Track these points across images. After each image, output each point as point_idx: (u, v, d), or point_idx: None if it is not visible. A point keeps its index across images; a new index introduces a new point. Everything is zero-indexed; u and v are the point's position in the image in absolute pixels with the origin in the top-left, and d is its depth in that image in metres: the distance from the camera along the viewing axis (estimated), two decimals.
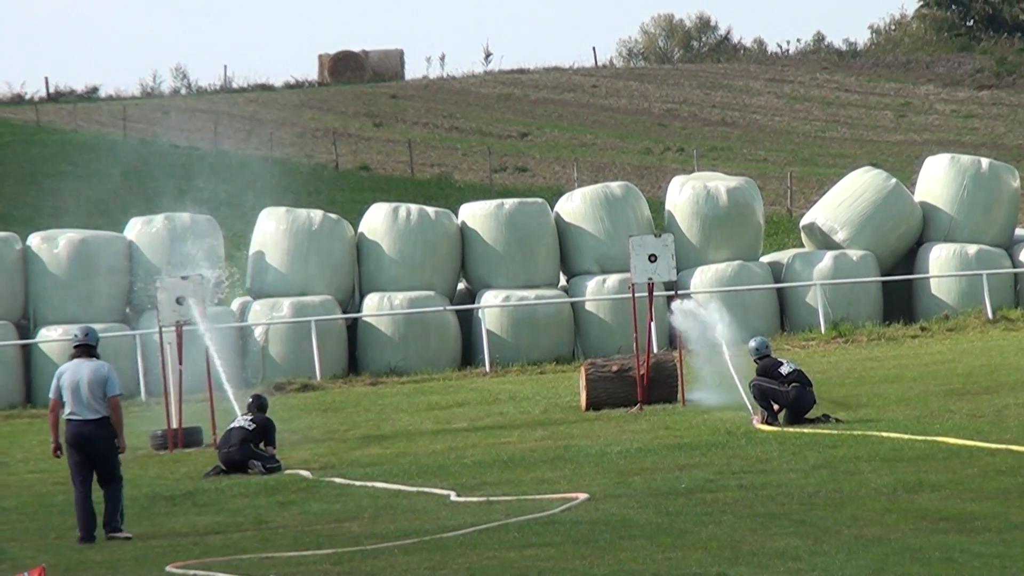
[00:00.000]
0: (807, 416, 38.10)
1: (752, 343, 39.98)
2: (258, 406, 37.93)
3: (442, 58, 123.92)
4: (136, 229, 52.82)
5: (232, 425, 37.78)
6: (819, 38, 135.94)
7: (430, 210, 59.33)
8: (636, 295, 46.04)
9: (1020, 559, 22.00)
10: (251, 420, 37.31)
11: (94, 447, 29.69)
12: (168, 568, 25.97)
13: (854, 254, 56.72)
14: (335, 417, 47.11)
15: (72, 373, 29.72)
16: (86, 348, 30.72)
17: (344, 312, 56.29)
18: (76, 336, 31.03)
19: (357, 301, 57.90)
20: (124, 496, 34.54)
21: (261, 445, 36.28)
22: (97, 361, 30.17)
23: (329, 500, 32.01)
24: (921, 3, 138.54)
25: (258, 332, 54.29)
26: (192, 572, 25.70)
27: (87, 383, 29.58)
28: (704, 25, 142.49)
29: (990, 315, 57.03)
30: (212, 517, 31.77)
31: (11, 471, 40.10)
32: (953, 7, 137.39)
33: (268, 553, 27.22)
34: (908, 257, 58.96)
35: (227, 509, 32.40)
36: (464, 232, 58.35)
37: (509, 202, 60.58)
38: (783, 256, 59.90)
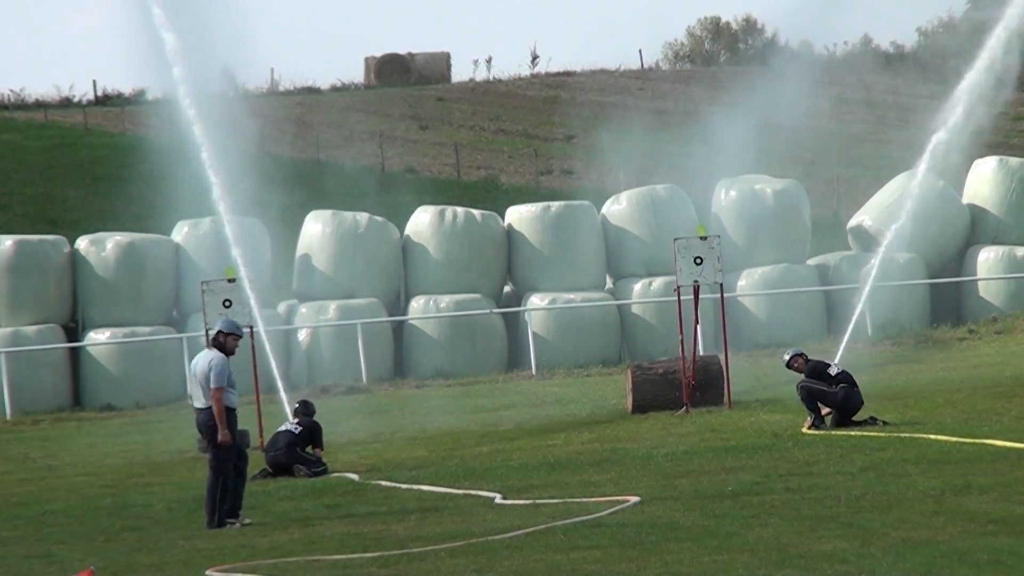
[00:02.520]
0: (854, 418, 37.92)
1: (787, 355, 40.21)
2: (304, 411, 38.10)
3: (488, 60, 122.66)
4: (183, 232, 52.90)
5: (279, 429, 37.92)
6: (866, 40, 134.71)
7: (476, 213, 59.34)
8: (682, 298, 45.98)
9: None
10: (297, 424, 37.50)
11: (208, 435, 30.22)
12: (208, 572, 26.12)
13: (901, 256, 56.53)
14: (381, 420, 47.18)
15: (195, 362, 30.73)
16: (213, 339, 31.22)
17: (390, 315, 56.35)
18: (221, 324, 31.47)
19: (403, 304, 57.97)
20: (168, 504, 34.71)
21: (308, 448, 36.22)
22: (212, 352, 30.63)
23: (375, 503, 32.00)
24: (969, 5, 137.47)
25: (303, 335, 54.31)
26: (236, 575, 25.84)
27: (201, 373, 30.34)
28: (750, 27, 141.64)
29: None
30: (258, 520, 31.91)
31: (59, 474, 40.22)
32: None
33: (314, 556, 27.24)
34: (956, 259, 58.70)
35: (273, 512, 32.53)
36: (510, 234, 58.39)
37: (555, 204, 60.74)
38: (830, 259, 59.75)
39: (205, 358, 29.54)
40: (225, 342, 31.32)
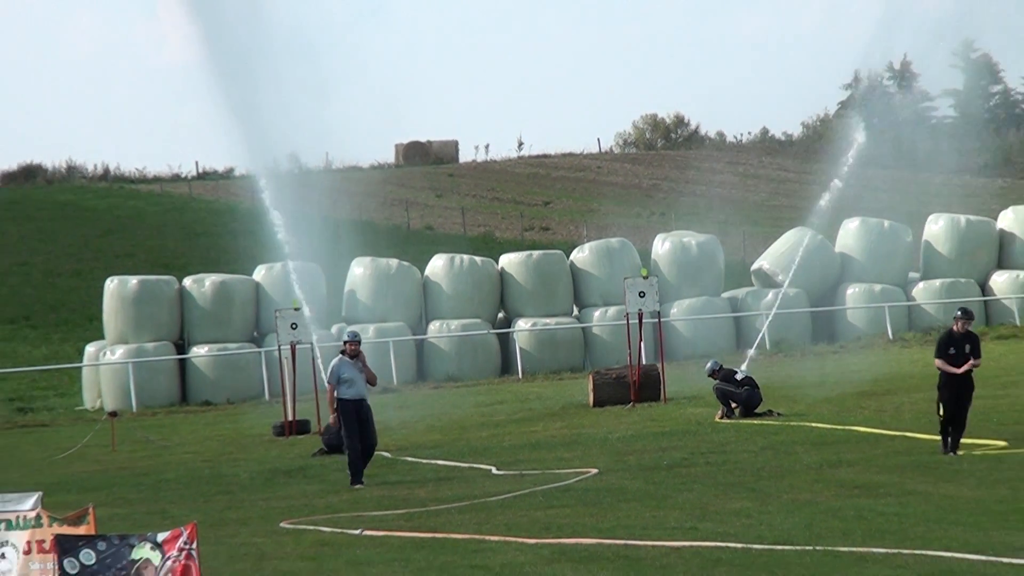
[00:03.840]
0: (756, 411, 38.52)
1: (708, 365, 40.38)
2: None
3: (487, 147, 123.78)
4: (261, 273, 53.35)
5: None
6: (764, 131, 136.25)
7: (477, 259, 59.81)
8: (630, 322, 46.07)
9: (912, 516, 22.60)
10: None
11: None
12: (282, 524, 26.40)
13: (791, 291, 56.79)
14: (407, 412, 47.45)
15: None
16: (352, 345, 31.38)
17: (414, 335, 56.60)
18: (346, 335, 31.73)
19: (424, 326, 58.20)
20: (252, 474, 34.93)
21: None
22: (337, 356, 31.06)
23: (403, 473, 32.11)
24: (838, 105, 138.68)
25: None
26: (301, 526, 26.03)
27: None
28: (679, 122, 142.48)
29: (891, 336, 57.20)
30: (317, 486, 32.06)
31: (171, 452, 40.52)
32: (862, 107, 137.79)
33: (359, 512, 27.48)
34: (830, 293, 59.17)
35: (328, 480, 32.60)
36: (502, 275, 58.77)
37: (536, 253, 61.27)
38: (739, 293, 60.12)
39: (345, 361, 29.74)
40: (345, 348, 31.54)
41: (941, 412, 29.17)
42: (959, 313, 29.65)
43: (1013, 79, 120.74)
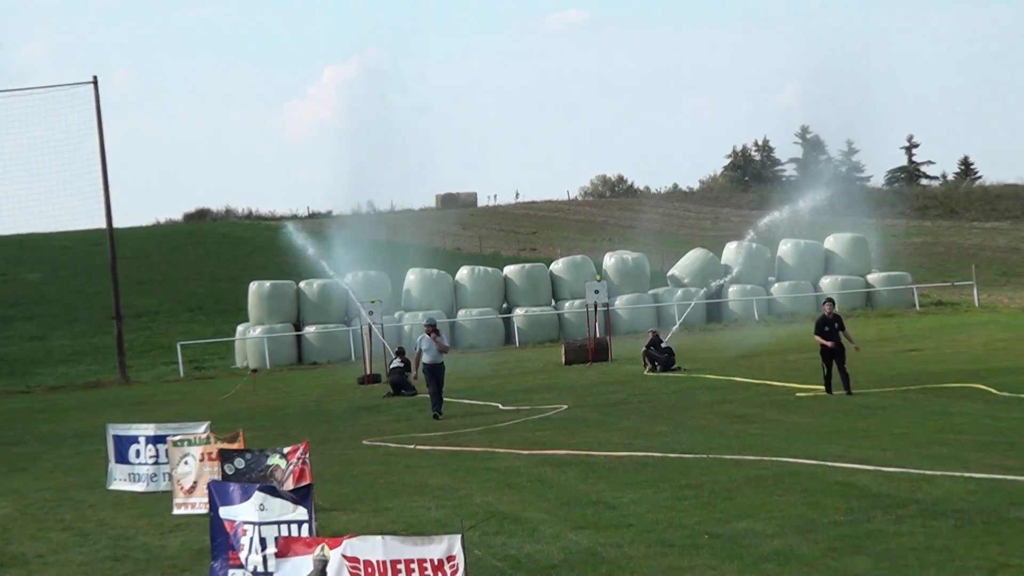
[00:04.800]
0: (671, 368, 37.99)
1: (650, 330, 40.37)
2: (401, 355, 37.46)
3: (495, 196, 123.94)
4: (348, 279, 53.14)
5: (392, 366, 37.39)
6: (675, 185, 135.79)
7: (489, 269, 59.46)
8: (588, 310, 45.42)
9: (771, 436, 22.24)
10: (401, 361, 36.76)
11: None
12: (364, 441, 25.98)
13: (694, 290, 56.73)
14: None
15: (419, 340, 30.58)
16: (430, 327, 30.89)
17: (448, 319, 56.34)
18: (426, 320, 31.58)
19: (455, 312, 57.84)
20: (344, 409, 34.20)
21: (407, 376, 36.11)
22: (423, 335, 30.31)
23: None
24: (723, 168, 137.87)
25: (407, 328, 54.59)
26: (376, 443, 25.61)
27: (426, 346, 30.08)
28: (621, 179, 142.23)
29: (756, 319, 56.70)
30: (386, 417, 31.44)
31: (293, 397, 39.93)
32: (738, 170, 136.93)
33: (413, 434, 27.08)
34: (719, 291, 58.98)
35: (393, 413, 32.05)
36: (505, 279, 58.38)
37: (527, 265, 60.83)
38: (659, 291, 59.78)
39: (426, 337, 29.62)
40: (426, 329, 31.01)
41: (825, 371, 28.17)
42: (828, 301, 29.36)
43: (834, 151, 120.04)
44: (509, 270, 58.88)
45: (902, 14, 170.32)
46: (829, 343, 27.41)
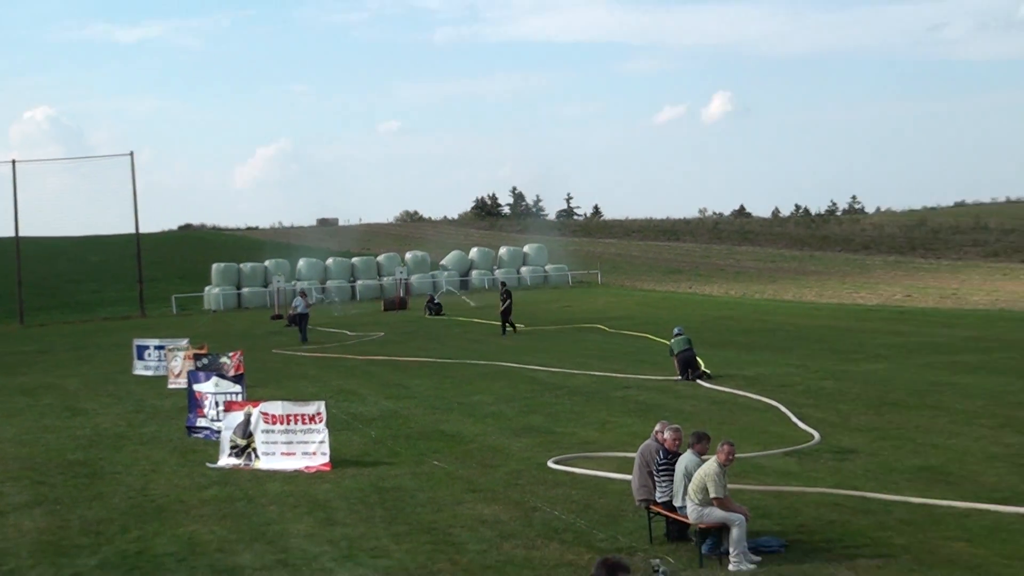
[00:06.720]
0: (441, 314, 43.94)
1: (428, 294, 47.77)
2: (302, 295, 38.49)
3: (347, 220, 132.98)
4: (268, 263, 62.87)
5: (291, 313, 40.28)
6: (445, 216, 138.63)
7: (343, 259, 66.61)
8: (398, 281, 57.88)
9: (494, 351, 27.33)
10: (299, 306, 38.69)
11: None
12: (273, 350, 30.33)
13: (448, 273, 66.42)
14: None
15: None
16: (303, 292, 31.94)
17: (320, 284, 61.79)
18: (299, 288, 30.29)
19: (327, 283, 63.42)
20: (262, 332, 39.08)
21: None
22: (297, 296, 30.58)
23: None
24: (472, 206, 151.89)
25: (298, 289, 54.34)
26: (280, 352, 29.38)
27: None
28: (416, 212, 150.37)
29: (485, 287, 49.83)
30: (285, 338, 35.98)
31: (234, 326, 44.00)
32: (480, 208, 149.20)
33: (297, 347, 32.45)
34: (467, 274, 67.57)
35: (289, 335, 36.67)
36: (352, 265, 65.14)
37: (365, 257, 68.42)
38: (435, 272, 66.59)
39: None
40: (300, 294, 33.58)
41: (502, 319, 34.21)
42: (502, 284, 35.58)
43: (531, 200, 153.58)
44: (355, 260, 68.77)
45: (576, 134, 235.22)
46: (500, 308, 35.38)
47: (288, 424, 15.18)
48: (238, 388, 17.89)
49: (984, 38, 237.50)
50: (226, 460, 15.58)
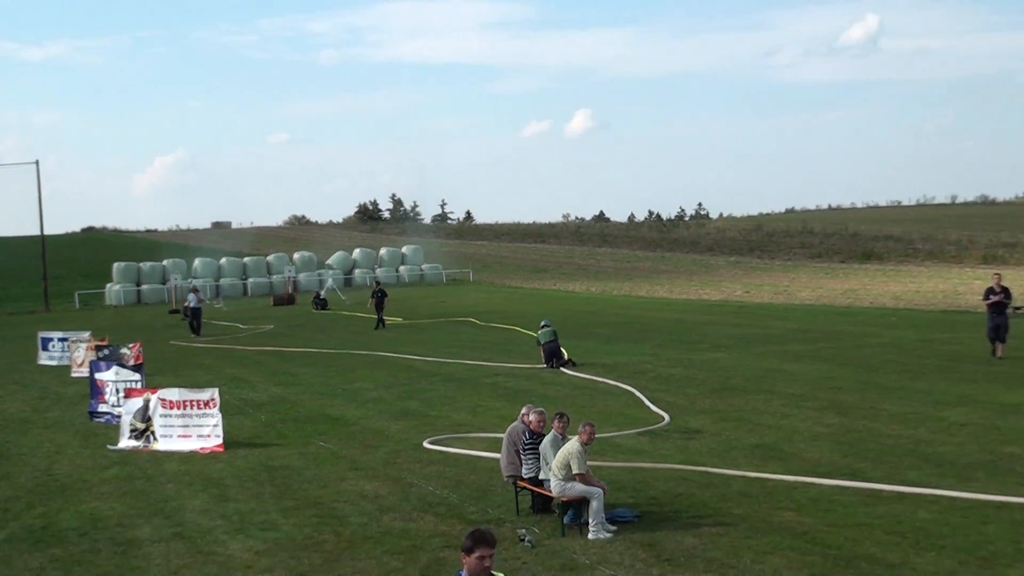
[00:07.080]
0: (327, 309, 43.00)
1: (316, 291, 46.79)
2: (378, 291, 37.41)
3: (241, 223, 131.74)
4: (166, 262, 63.15)
5: (185, 306, 38.29)
6: (331, 220, 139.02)
7: (236, 259, 66.32)
8: (287, 279, 56.52)
9: (375, 342, 27.74)
10: (193, 301, 37.70)
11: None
12: (171, 342, 31.39)
13: (334, 271, 65.96)
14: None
15: None
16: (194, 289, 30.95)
17: (214, 282, 62.77)
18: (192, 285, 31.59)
19: (220, 281, 64.20)
20: (161, 325, 41.26)
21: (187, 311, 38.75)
22: (190, 292, 29.70)
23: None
24: (355, 211, 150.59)
25: (193, 286, 57.87)
26: (177, 343, 29.68)
27: None
28: (304, 216, 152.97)
29: (367, 283, 59.36)
30: (182, 331, 35.89)
31: (134, 319, 41.92)
32: (363, 213, 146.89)
33: (193, 338, 32.91)
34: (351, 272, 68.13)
35: (185, 328, 35.73)
36: (244, 264, 65.25)
37: (256, 257, 68.68)
38: (322, 271, 65.64)
39: None
40: (193, 290, 35.02)
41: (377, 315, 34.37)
42: (375, 279, 36.34)
43: (408, 205, 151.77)
44: (247, 259, 68.41)
45: (451, 146, 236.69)
46: (371, 303, 35.32)
47: (184, 409, 15.26)
48: (137, 376, 17.90)
49: (810, 63, 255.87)
50: (126, 442, 15.52)
